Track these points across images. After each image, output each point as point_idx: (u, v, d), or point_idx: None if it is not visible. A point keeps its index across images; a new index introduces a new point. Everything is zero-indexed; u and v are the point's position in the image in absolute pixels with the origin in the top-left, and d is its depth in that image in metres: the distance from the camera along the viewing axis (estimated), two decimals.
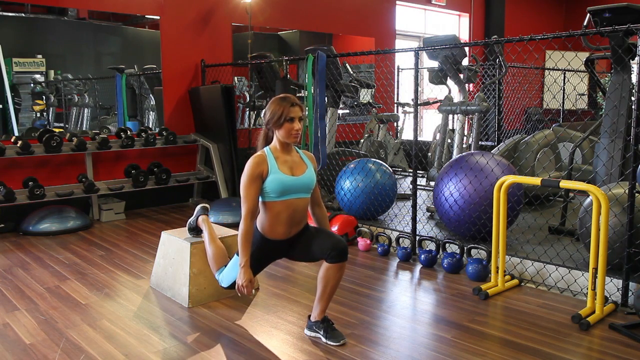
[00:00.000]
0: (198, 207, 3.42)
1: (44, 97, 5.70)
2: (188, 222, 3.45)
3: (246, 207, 2.63)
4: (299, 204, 2.71)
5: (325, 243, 2.70)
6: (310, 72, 5.14)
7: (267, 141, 2.74)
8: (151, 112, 6.53)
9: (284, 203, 2.67)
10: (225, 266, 3.03)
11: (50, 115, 5.83)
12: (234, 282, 2.82)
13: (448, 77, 5.67)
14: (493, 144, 7.00)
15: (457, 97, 5.88)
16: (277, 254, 2.86)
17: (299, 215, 2.73)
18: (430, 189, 6.01)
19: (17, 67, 5.41)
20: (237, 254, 2.79)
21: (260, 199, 2.69)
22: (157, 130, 6.15)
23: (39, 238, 4.87)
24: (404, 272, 3.96)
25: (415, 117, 4.31)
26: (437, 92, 6.51)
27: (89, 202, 5.64)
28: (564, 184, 3.15)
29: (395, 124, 8.17)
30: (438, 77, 5.73)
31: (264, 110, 2.71)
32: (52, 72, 5.69)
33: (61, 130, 5.72)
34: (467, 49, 6.04)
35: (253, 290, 2.73)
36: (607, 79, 5.74)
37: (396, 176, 5.90)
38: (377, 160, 5.20)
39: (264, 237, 2.74)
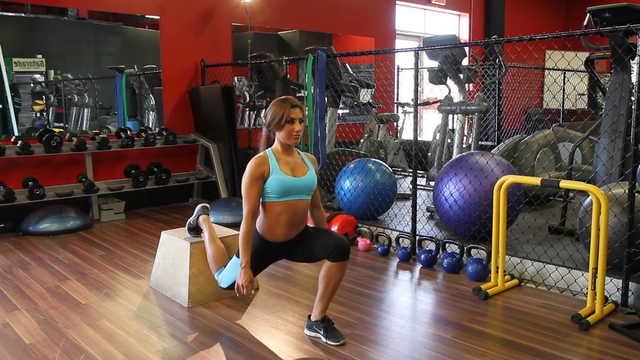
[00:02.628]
0: (198, 207, 3.42)
1: (43, 97, 5.70)
2: (187, 222, 3.45)
3: (247, 208, 2.63)
4: (299, 205, 2.71)
5: (327, 242, 2.71)
6: (310, 72, 5.14)
7: (269, 143, 2.75)
8: (151, 112, 6.53)
9: (284, 204, 2.67)
10: (225, 267, 3.03)
11: (50, 115, 5.83)
12: (233, 283, 2.82)
13: (448, 77, 5.68)
14: (493, 144, 7.00)
15: (457, 97, 5.88)
16: (277, 255, 2.86)
17: (298, 217, 2.73)
18: (430, 189, 6.01)
19: (17, 67, 5.41)
20: (237, 255, 2.79)
21: (260, 200, 2.69)
22: (157, 130, 6.15)
23: (38, 238, 4.87)
24: (404, 272, 3.96)
25: (415, 117, 4.31)
26: (437, 92, 6.51)
27: (89, 202, 5.64)
28: (564, 184, 3.15)
29: (395, 124, 8.18)
30: (438, 77, 5.73)
31: (264, 112, 2.72)
32: (52, 72, 5.69)
33: (61, 130, 5.72)
34: (467, 49, 6.04)
35: (252, 291, 2.73)
36: (607, 79, 5.74)
37: (396, 176, 5.90)
38: (377, 160, 5.20)
39: (263, 239, 2.74)
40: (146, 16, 6.10)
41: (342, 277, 2.75)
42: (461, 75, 5.56)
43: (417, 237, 4.25)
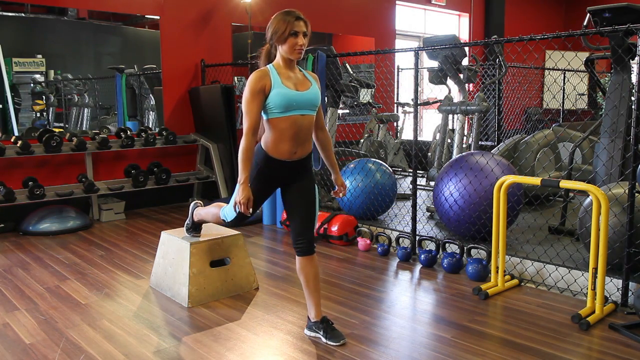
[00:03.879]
0: (192, 205, 3.42)
1: (44, 97, 5.70)
2: (185, 224, 3.45)
3: (248, 123, 2.54)
4: (303, 121, 2.62)
5: (294, 227, 2.69)
6: None
7: (270, 59, 2.67)
8: (151, 112, 6.53)
9: (288, 119, 2.58)
10: (227, 205, 2.96)
11: (50, 115, 5.83)
12: (237, 216, 2.79)
13: (448, 77, 5.68)
14: (493, 144, 7.00)
15: (457, 97, 5.89)
16: (278, 178, 2.74)
17: (303, 133, 2.63)
18: (430, 189, 6.01)
19: (17, 67, 5.41)
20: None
21: (265, 117, 2.61)
22: (157, 130, 6.15)
23: (39, 238, 4.87)
24: (404, 272, 3.96)
25: (415, 117, 4.31)
26: (437, 92, 6.51)
27: (89, 202, 5.64)
28: (564, 184, 3.15)
29: (395, 124, 8.17)
30: (438, 77, 5.74)
31: (267, 26, 2.61)
32: (52, 72, 5.69)
33: (61, 130, 5.72)
34: (467, 49, 6.04)
35: (250, 211, 2.61)
36: (607, 79, 5.74)
37: (396, 176, 5.90)
38: (377, 160, 5.20)
39: (268, 156, 2.65)
40: (146, 16, 6.10)
41: (315, 269, 2.74)
42: (461, 75, 5.57)
43: (417, 237, 4.25)
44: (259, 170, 2.67)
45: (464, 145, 5.58)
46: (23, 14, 5.45)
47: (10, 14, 5.40)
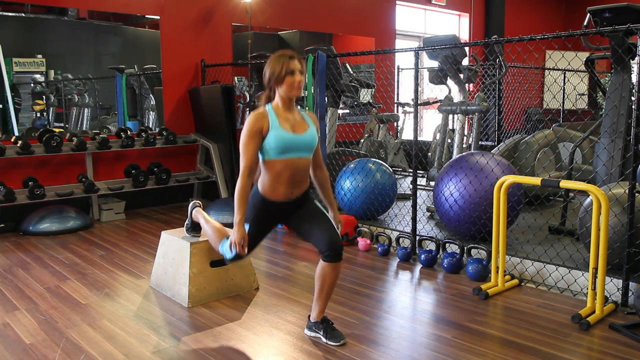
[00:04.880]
0: (190, 205, 3.43)
1: (44, 97, 5.70)
2: (185, 224, 3.45)
3: (244, 164, 2.57)
4: (300, 163, 2.64)
5: (322, 237, 2.66)
6: (310, 72, 5.14)
7: (269, 102, 2.69)
8: (151, 112, 6.53)
9: (284, 162, 2.60)
10: (227, 238, 2.96)
11: (50, 115, 5.83)
12: (235, 255, 2.78)
13: (448, 77, 5.67)
14: (493, 144, 7.00)
15: (457, 97, 5.88)
16: (277, 218, 2.78)
17: (299, 175, 2.66)
18: (430, 189, 6.00)
19: (17, 67, 5.41)
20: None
21: (261, 158, 2.63)
22: (157, 130, 6.15)
23: (39, 238, 4.87)
24: (404, 272, 3.96)
25: (415, 117, 4.31)
26: (437, 92, 6.51)
27: (89, 202, 5.64)
28: (564, 184, 3.15)
29: (395, 124, 8.17)
30: (438, 77, 5.73)
31: (263, 71, 2.63)
32: (52, 72, 5.69)
33: (61, 130, 5.72)
34: (467, 49, 6.04)
35: (246, 251, 2.64)
36: (607, 79, 5.74)
37: (396, 176, 5.90)
38: (377, 160, 5.20)
39: (265, 199, 2.67)
40: (146, 16, 6.10)
41: (336, 277, 2.73)
42: (461, 75, 5.56)
43: (417, 237, 4.25)
44: (257, 213, 2.69)
45: (464, 145, 5.57)
46: (23, 14, 5.45)
47: (10, 14, 5.40)
